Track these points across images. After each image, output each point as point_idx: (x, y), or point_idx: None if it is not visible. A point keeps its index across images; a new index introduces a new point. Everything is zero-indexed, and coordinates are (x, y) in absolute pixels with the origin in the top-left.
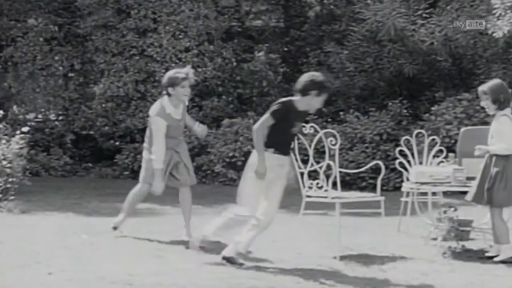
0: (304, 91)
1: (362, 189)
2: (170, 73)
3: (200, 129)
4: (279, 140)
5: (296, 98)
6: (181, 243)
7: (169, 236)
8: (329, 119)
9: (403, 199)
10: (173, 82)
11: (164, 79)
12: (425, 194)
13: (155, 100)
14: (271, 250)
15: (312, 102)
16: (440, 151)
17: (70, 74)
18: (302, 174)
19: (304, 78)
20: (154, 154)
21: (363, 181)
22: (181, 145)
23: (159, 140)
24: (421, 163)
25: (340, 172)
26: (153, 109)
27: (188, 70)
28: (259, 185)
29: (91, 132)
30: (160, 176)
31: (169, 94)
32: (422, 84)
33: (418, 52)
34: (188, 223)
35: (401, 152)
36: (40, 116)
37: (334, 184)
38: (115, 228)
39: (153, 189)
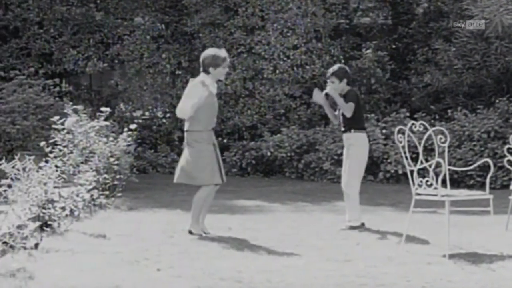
0: None
1: (469, 187)
2: (211, 52)
3: None
4: None
5: None
6: (289, 240)
7: (278, 233)
8: (437, 117)
9: None
10: (217, 63)
11: (207, 58)
12: None
13: (263, 98)
14: (380, 248)
15: None
16: None
17: (178, 72)
18: (412, 171)
19: None
20: (180, 110)
21: (471, 179)
22: (215, 139)
23: (189, 102)
24: None
25: (449, 170)
26: (196, 79)
27: (225, 52)
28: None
29: None
30: None
31: (207, 73)
32: None
33: None
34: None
35: (509, 150)
36: (147, 113)
37: (443, 182)
38: (190, 232)
39: None
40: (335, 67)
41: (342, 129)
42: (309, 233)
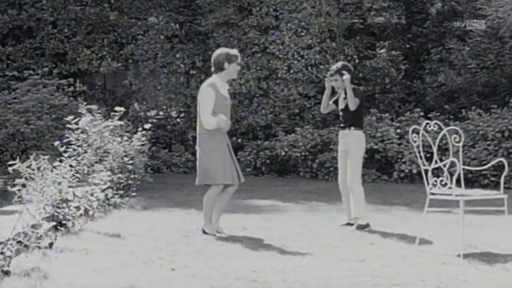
0: None
1: (484, 186)
2: (224, 50)
3: None
4: None
5: None
6: (304, 240)
7: (292, 232)
8: (451, 116)
9: None
10: (230, 59)
11: (221, 55)
12: None
13: (277, 97)
14: (394, 248)
15: None
16: None
17: (192, 72)
18: (426, 171)
19: None
20: (207, 124)
21: (485, 178)
22: (228, 139)
23: (207, 111)
24: None
25: (463, 169)
26: (204, 83)
27: (236, 51)
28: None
29: None
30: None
31: (220, 70)
32: None
33: None
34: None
35: None
36: (161, 113)
37: (458, 182)
38: (204, 231)
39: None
40: (339, 64)
41: (341, 125)
42: (324, 233)
